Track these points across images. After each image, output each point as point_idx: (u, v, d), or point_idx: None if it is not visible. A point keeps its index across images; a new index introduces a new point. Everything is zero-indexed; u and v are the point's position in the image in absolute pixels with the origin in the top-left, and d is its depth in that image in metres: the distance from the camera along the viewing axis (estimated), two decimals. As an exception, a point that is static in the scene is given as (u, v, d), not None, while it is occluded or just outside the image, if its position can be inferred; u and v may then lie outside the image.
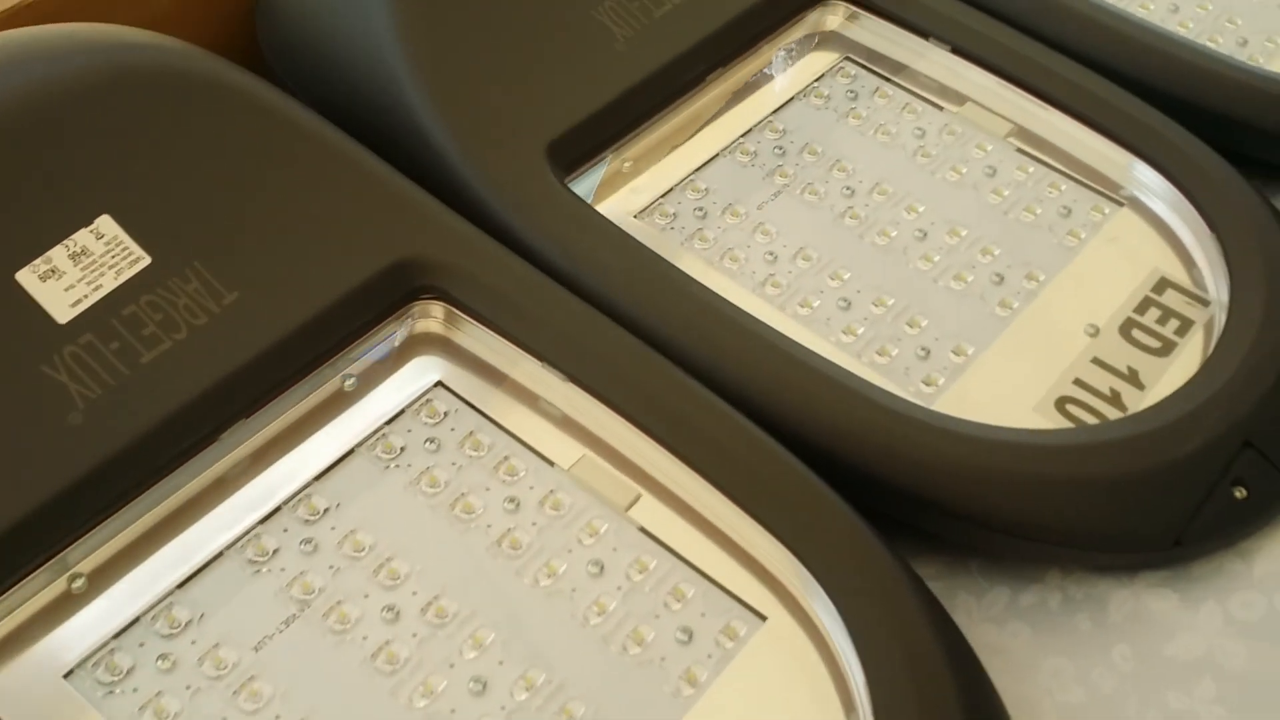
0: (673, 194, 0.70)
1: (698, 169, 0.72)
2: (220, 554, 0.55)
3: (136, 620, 0.52)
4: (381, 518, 0.56)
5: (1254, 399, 0.60)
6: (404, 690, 0.51)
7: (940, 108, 0.76)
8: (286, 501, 0.56)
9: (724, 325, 0.62)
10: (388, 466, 0.58)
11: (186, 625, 0.52)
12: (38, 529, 0.52)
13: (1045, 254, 0.69)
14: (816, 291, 0.66)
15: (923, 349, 0.64)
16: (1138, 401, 0.63)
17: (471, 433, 0.59)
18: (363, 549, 0.55)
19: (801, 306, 0.66)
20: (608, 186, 0.70)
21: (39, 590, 0.53)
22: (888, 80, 0.77)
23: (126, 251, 0.58)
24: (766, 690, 0.52)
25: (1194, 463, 0.59)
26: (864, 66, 0.78)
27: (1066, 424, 0.61)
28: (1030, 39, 0.77)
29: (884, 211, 0.70)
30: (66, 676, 0.51)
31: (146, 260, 0.58)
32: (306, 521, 0.56)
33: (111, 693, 0.50)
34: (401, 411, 0.60)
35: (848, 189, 0.71)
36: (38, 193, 0.58)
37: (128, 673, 0.51)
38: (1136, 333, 0.66)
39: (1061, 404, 0.62)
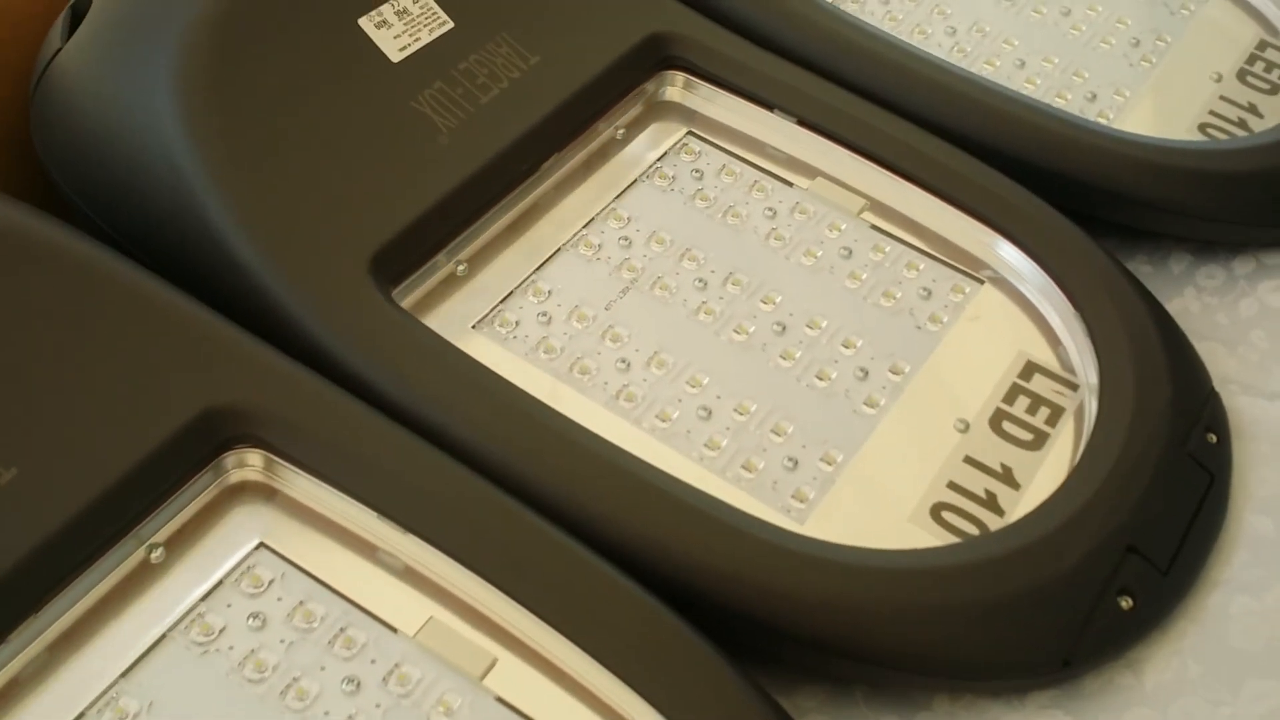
0: (513, 298, 0.65)
1: (538, 267, 0.66)
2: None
3: None
4: (203, 716, 0.49)
5: (1133, 500, 0.58)
6: None
7: (790, 184, 0.72)
8: (90, 707, 0.49)
9: (575, 453, 0.57)
10: (205, 651, 0.51)
11: None
12: None
13: (908, 342, 0.65)
14: (674, 400, 0.61)
15: (790, 459, 0.60)
16: (1013, 503, 0.60)
17: (301, 602, 0.53)
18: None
19: (659, 419, 0.61)
20: (440, 294, 0.64)
21: None
22: (734, 156, 0.73)
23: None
24: None
25: (1077, 575, 0.56)
26: (708, 141, 0.73)
27: (943, 534, 0.58)
28: (877, 107, 0.74)
29: (740, 304, 0.66)
30: None
31: None
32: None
33: None
34: (219, 583, 0.53)
35: (700, 281, 0.66)
36: None
37: None
38: (1007, 425, 0.63)
39: (937, 512, 0.59)
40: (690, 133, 0.74)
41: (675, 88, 0.75)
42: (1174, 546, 0.59)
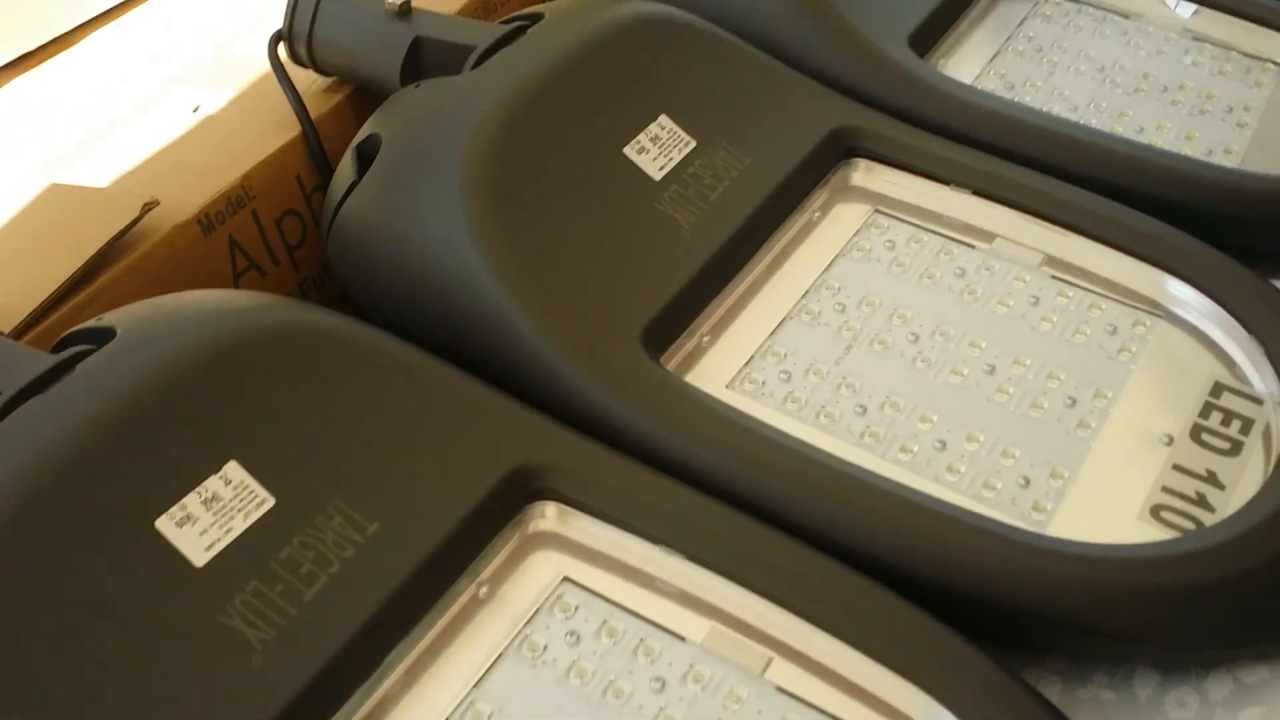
0: (754, 361, 0.75)
1: (771, 333, 0.76)
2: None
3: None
4: (544, 714, 0.59)
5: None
6: None
7: (972, 246, 0.82)
8: (453, 712, 0.59)
9: (837, 480, 0.66)
10: (535, 664, 0.61)
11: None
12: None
13: (1105, 372, 0.74)
14: (912, 436, 0.71)
15: (1023, 477, 0.69)
16: (1223, 501, 0.68)
17: (605, 621, 0.63)
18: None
19: (902, 452, 0.70)
20: (691, 361, 0.75)
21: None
22: (919, 227, 0.83)
23: (253, 494, 0.61)
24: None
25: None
26: (894, 217, 0.83)
27: (1166, 530, 0.66)
28: (1039, 172, 0.84)
29: (950, 351, 0.75)
30: None
31: (272, 501, 0.61)
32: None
33: None
34: (537, 611, 0.63)
35: (912, 335, 0.76)
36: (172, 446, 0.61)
37: None
38: (1206, 436, 0.71)
39: (1156, 512, 0.67)
40: (877, 210, 0.84)
41: (859, 173, 0.86)
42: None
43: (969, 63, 0.96)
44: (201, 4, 1.08)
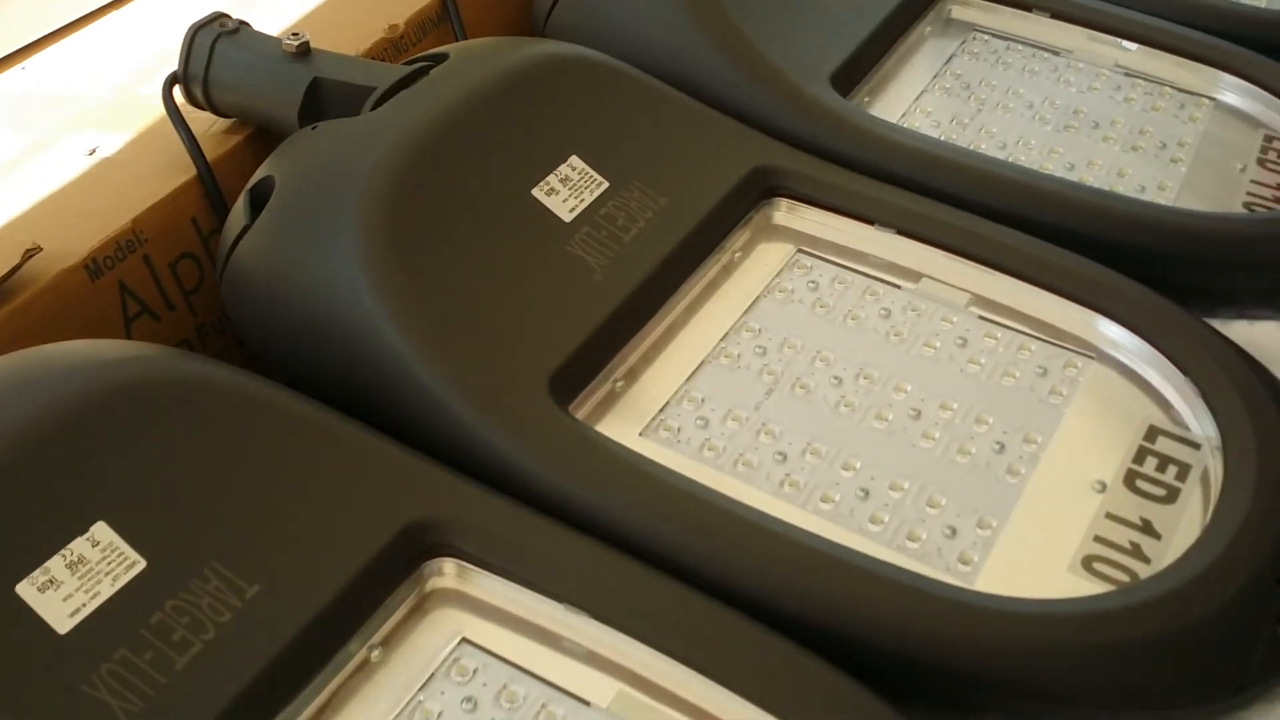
0: (669, 407, 0.71)
1: (687, 379, 0.73)
2: None
3: None
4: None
5: (1275, 535, 0.63)
6: None
7: (898, 286, 0.79)
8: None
9: (756, 533, 0.62)
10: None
11: None
12: None
13: (1035, 416, 0.71)
14: (833, 484, 0.67)
15: (949, 528, 0.65)
16: (1159, 552, 0.64)
17: (505, 685, 0.58)
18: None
19: (823, 502, 0.66)
20: (603, 408, 0.71)
21: None
22: (843, 267, 0.80)
23: (122, 557, 0.57)
24: None
25: (1235, 609, 0.60)
26: (817, 257, 0.80)
27: (1098, 583, 0.63)
28: (965, 212, 0.81)
29: (875, 395, 0.72)
30: None
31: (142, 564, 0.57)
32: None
33: None
34: (432, 675, 0.59)
35: (835, 378, 0.73)
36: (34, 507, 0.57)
37: None
38: (1140, 483, 0.68)
39: (1089, 563, 0.64)
40: (800, 250, 0.81)
41: (780, 212, 0.83)
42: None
43: (894, 101, 0.94)
44: (103, 45, 1.05)
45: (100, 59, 1.03)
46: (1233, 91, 0.95)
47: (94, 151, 0.86)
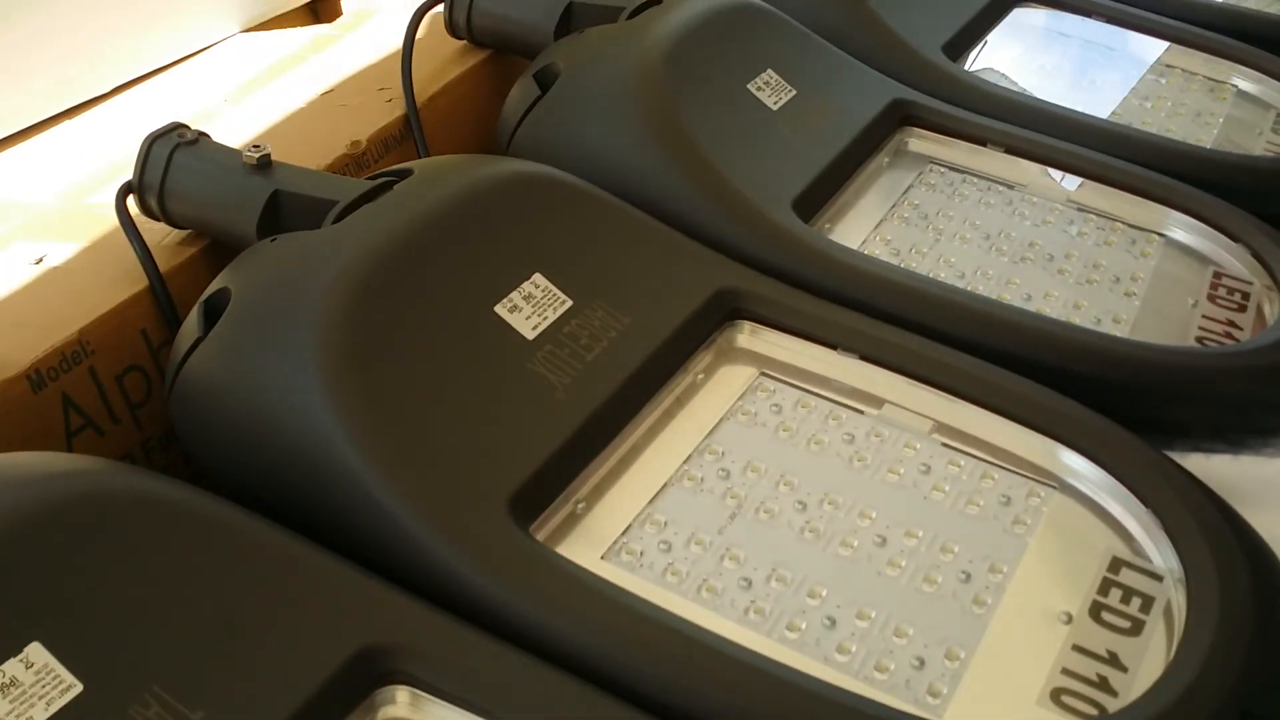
0: (632, 530, 0.70)
1: (650, 501, 0.71)
2: None
3: None
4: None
5: (1238, 669, 0.62)
6: None
7: (861, 411, 0.78)
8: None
9: (724, 661, 0.60)
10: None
11: None
12: None
13: (1000, 545, 0.70)
14: (799, 612, 0.66)
15: (916, 658, 0.64)
16: (1125, 684, 0.63)
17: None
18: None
19: (789, 630, 0.65)
20: (564, 530, 0.69)
21: None
22: (806, 391, 0.79)
23: (58, 680, 0.54)
24: None
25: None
26: (780, 380, 0.80)
27: (1067, 716, 0.61)
28: (927, 339, 0.81)
29: (839, 521, 0.71)
30: None
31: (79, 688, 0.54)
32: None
33: None
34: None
35: (800, 503, 0.72)
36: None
37: None
38: (1106, 615, 0.67)
39: (1057, 696, 0.63)
40: (763, 374, 0.80)
41: (744, 335, 0.82)
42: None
43: (854, 229, 0.95)
44: (53, 153, 1.04)
45: (49, 167, 1.01)
46: (1182, 229, 0.97)
47: (40, 260, 0.84)
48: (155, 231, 0.84)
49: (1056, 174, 1.02)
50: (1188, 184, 0.99)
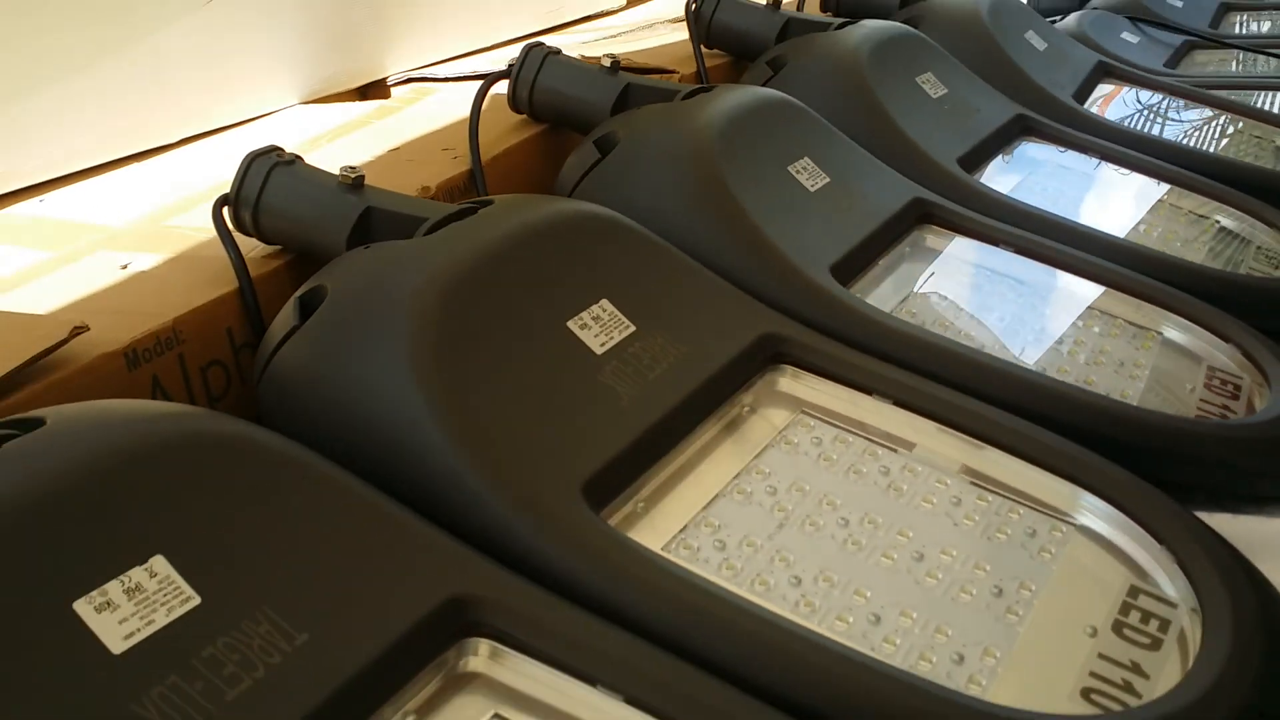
0: (689, 529, 0.74)
1: (704, 507, 0.76)
2: None
3: None
4: None
5: (1256, 672, 0.67)
6: None
7: (895, 450, 0.84)
8: None
9: (785, 637, 0.65)
10: None
11: None
12: None
13: (1027, 568, 0.75)
14: (847, 608, 0.70)
15: (956, 654, 0.68)
16: (1148, 689, 0.68)
17: None
18: None
19: (838, 621, 0.69)
20: (627, 524, 0.74)
21: None
22: (843, 429, 0.85)
23: (178, 591, 0.58)
24: None
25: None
26: (820, 419, 0.86)
27: (1096, 709, 0.66)
28: (958, 391, 0.87)
29: (880, 537, 0.76)
30: None
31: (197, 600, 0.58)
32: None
33: None
34: None
35: (842, 519, 0.77)
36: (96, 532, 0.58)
37: None
38: (1127, 631, 0.72)
39: (1087, 694, 0.67)
40: (803, 412, 0.86)
41: (785, 379, 0.88)
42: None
43: (885, 298, 1.02)
44: (120, 187, 1.10)
45: (123, 198, 1.07)
46: (1178, 330, 1.04)
47: (127, 266, 0.90)
48: (243, 244, 0.89)
49: (1068, 279, 1.10)
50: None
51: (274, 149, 0.89)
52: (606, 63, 1.12)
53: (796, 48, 1.31)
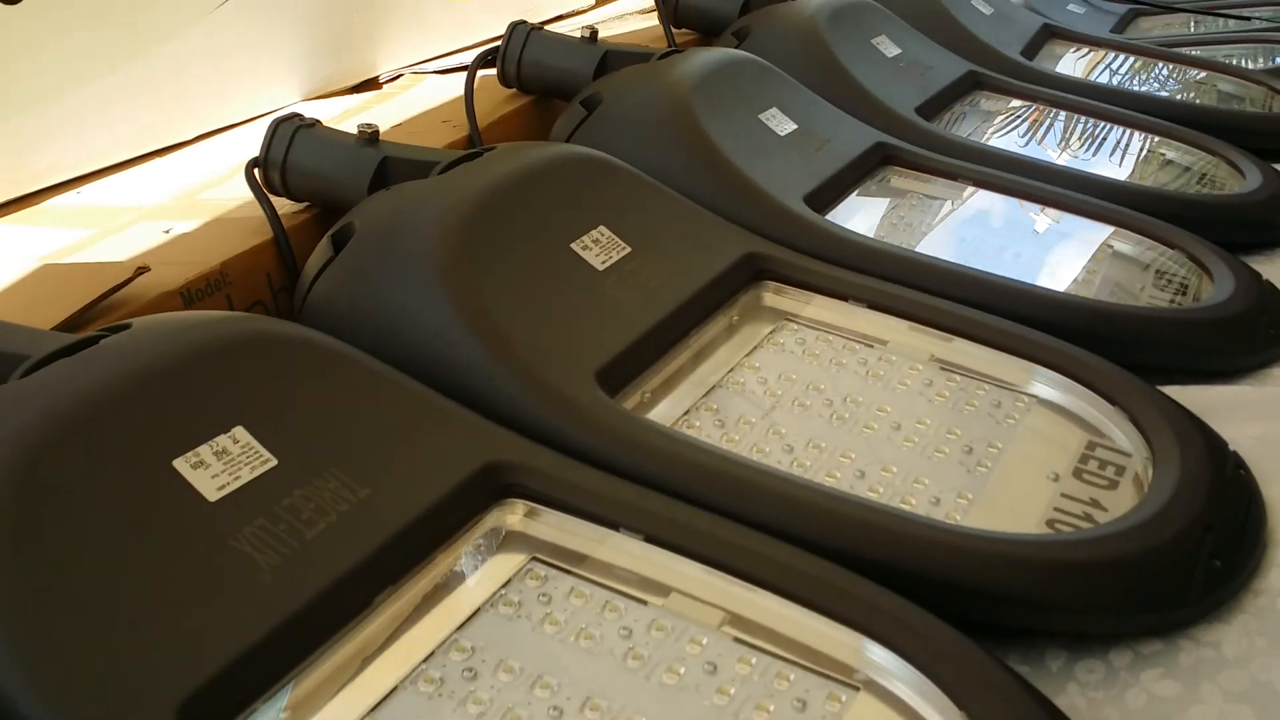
0: (691, 413, 0.84)
1: (704, 395, 0.85)
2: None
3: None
4: (526, 654, 0.66)
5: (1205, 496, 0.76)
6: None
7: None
8: (445, 641, 0.66)
9: (789, 484, 0.75)
10: (517, 612, 0.68)
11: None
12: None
13: (995, 431, 0.83)
14: (834, 468, 0.80)
15: (934, 498, 0.77)
16: (1107, 520, 0.76)
17: (572, 588, 0.69)
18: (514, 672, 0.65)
19: (828, 477, 0.79)
20: (636, 411, 0.83)
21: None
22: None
23: (258, 454, 0.67)
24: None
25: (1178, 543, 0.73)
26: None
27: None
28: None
29: (862, 413, 0.84)
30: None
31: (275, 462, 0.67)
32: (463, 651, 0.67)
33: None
34: (510, 580, 0.70)
35: (828, 401, 0.85)
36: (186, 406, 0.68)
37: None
38: (1087, 476, 0.80)
39: (1050, 524, 0.76)
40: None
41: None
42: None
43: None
44: (149, 179, 1.19)
45: (151, 186, 1.17)
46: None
47: (169, 230, 0.99)
48: (274, 204, 0.99)
49: (1025, 206, 1.17)
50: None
51: (295, 115, 0.99)
52: (586, 34, 1.23)
53: (758, 19, 1.41)
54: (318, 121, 1.00)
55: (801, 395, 0.87)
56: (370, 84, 1.54)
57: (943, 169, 1.23)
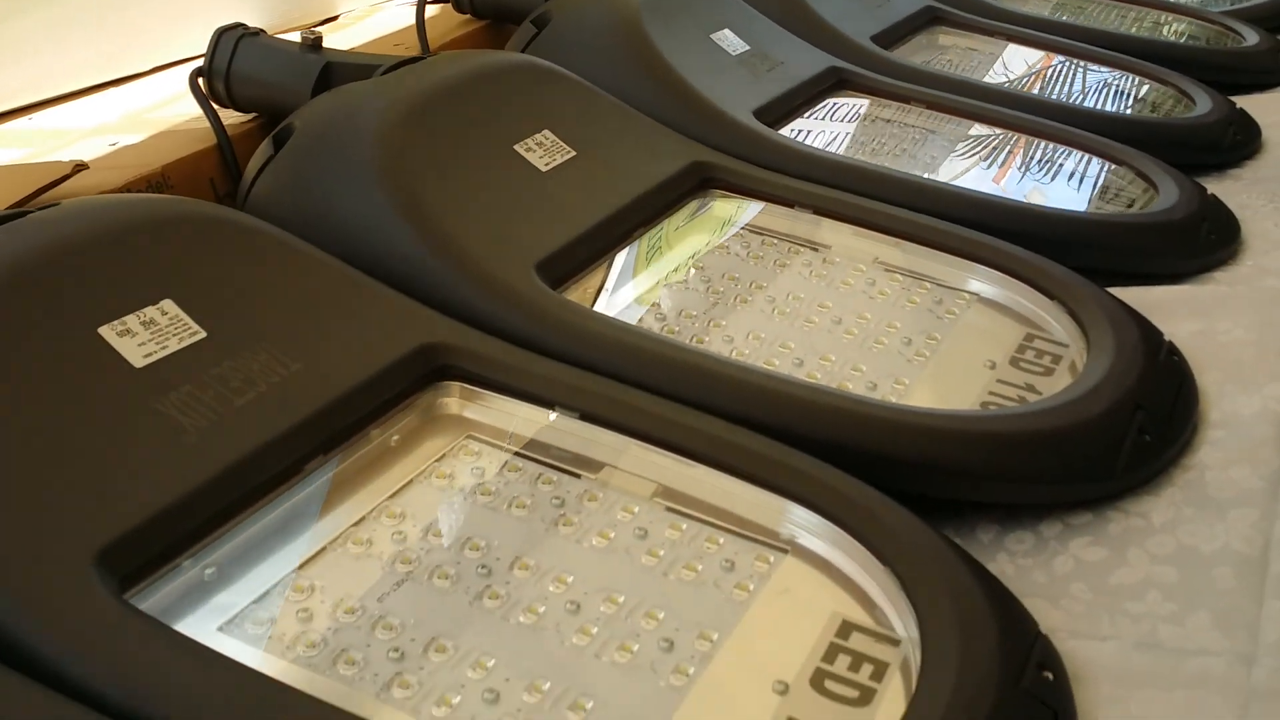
0: (632, 307, 0.84)
1: (647, 290, 0.86)
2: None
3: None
4: (456, 520, 0.67)
5: (1134, 380, 0.77)
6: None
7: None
8: (369, 513, 0.67)
9: (732, 368, 0.75)
10: (448, 486, 0.69)
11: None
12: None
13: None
14: (773, 356, 0.80)
15: (870, 383, 0.78)
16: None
17: (505, 463, 0.70)
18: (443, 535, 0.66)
19: (765, 364, 0.79)
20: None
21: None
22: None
23: (186, 326, 0.67)
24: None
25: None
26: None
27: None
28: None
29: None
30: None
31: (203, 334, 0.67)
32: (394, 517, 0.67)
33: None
34: (445, 454, 0.71)
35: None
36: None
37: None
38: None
39: (985, 405, 0.77)
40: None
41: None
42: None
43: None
44: (105, 108, 1.19)
45: (104, 112, 1.16)
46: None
47: (115, 143, 0.99)
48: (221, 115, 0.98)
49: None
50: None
51: (239, 25, 0.99)
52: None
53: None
54: (262, 31, 1.00)
55: (744, 293, 0.87)
56: (332, 22, 1.54)
57: (898, 93, 1.23)
